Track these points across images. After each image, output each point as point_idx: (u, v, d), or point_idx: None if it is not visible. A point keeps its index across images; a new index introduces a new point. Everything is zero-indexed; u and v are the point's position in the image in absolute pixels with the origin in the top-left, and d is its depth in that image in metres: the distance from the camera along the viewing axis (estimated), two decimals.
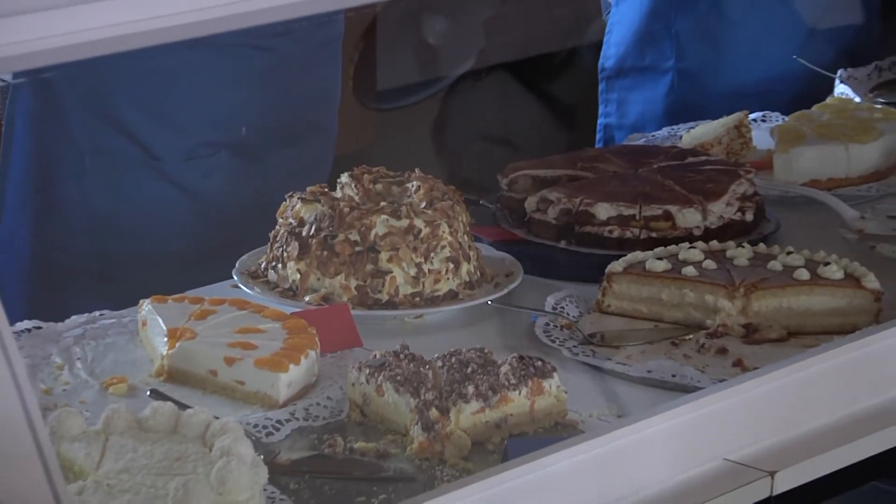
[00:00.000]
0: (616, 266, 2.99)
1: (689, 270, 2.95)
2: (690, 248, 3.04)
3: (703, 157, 3.51)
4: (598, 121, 4.42)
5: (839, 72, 4.15)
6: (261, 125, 3.43)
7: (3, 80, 3.46)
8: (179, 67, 3.36)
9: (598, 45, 4.53)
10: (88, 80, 3.38)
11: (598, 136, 4.42)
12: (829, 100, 3.95)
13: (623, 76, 4.35)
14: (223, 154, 3.40)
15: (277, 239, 3.00)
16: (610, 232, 3.21)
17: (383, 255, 2.91)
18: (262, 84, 3.42)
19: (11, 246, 3.45)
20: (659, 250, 3.05)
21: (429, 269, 2.93)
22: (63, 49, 2.32)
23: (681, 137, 3.85)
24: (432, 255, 2.93)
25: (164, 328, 2.72)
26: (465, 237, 3.00)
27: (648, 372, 2.74)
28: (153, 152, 3.42)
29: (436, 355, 2.65)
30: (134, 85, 3.37)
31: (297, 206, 2.99)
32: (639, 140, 3.97)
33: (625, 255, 3.04)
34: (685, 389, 2.66)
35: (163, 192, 3.45)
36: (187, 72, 3.36)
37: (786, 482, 2.53)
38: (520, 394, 2.57)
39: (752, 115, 3.91)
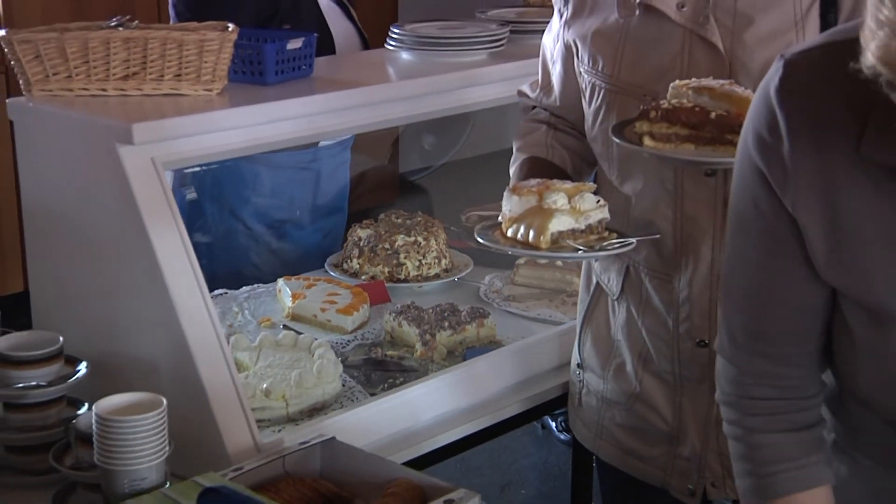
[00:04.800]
0: (521, 260, 2.95)
1: (558, 263, 2.91)
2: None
3: None
4: None
5: None
6: (307, 209, 3.37)
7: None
8: (265, 181, 3.29)
9: None
10: (216, 188, 3.31)
11: None
12: None
13: None
14: (287, 226, 3.35)
15: (347, 247, 2.99)
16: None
17: (402, 255, 2.90)
18: (307, 188, 3.35)
19: (214, 256, 3.38)
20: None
21: (425, 262, 2.92)
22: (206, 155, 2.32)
23: None
24: (427, 254, 2.92)
25: (290, 293, 2.71)
26: (444, 246, 2.98)
27: (538, 314, 2.72)
28: (276, 220, 3.36)
29: (429, 307, 2.63)
30: (241, 191, 3.30)
31: (358, 229, 2.97)
32: None
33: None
34: (556, 324, 2.65)
35: (286, 242, 3.39)
36: (268, 183, 3.29)
37: None
38: (472, 326, 2.56)
39: None
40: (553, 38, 2.15)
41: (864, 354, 1.44)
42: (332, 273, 2.93)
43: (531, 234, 1.95)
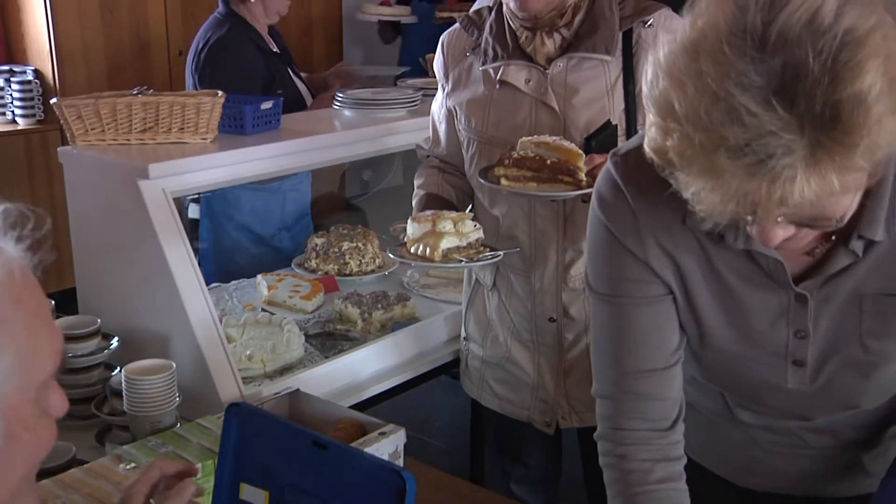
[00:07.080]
0: (437, 262, 2.92)
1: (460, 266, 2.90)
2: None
3: None
4: None
5: None
6: (277, 224, 3.35)
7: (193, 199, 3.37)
8: (245, 203, 3.27)
9: None
10: (227, 210, 3.29)
11: None
12: None
13: None
14: (283, 234, 3.35)
15: (307, 251, 2.97)
16: None
17: (347, 256, 2.89)
18: (277, 208, 3.33)
19: (210, 259, 3.35)
20: (434, 264, 3.01)
21: (364, 261, 2.91)
22: (216, 183, 2.30)
23: None
24: (365, 256, 2.92)
25: (266, 285, 2.69)
26: (377, 249, 2.97)
27: (446, 298, 2.71)
28: (255, 232, 3.35)
29: (367, 293, 2.63)
30: (228, 211, 3.28)
31: (315, 238, 2.96)
32: None
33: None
34: (459, 304, 2.62)
35: (263, 248, 3.38)
36: (248, 205, 3.27)
37: None
38: (398, 307, 2.56)
39: None
40: (439, 105, 2.19)
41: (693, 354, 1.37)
42: (296, 270, 2.92)
43: (428, 250, 1.99)
